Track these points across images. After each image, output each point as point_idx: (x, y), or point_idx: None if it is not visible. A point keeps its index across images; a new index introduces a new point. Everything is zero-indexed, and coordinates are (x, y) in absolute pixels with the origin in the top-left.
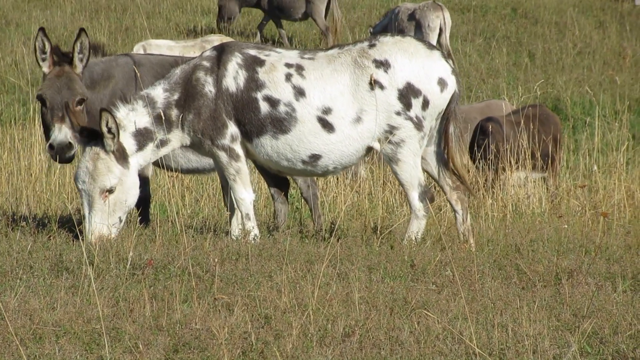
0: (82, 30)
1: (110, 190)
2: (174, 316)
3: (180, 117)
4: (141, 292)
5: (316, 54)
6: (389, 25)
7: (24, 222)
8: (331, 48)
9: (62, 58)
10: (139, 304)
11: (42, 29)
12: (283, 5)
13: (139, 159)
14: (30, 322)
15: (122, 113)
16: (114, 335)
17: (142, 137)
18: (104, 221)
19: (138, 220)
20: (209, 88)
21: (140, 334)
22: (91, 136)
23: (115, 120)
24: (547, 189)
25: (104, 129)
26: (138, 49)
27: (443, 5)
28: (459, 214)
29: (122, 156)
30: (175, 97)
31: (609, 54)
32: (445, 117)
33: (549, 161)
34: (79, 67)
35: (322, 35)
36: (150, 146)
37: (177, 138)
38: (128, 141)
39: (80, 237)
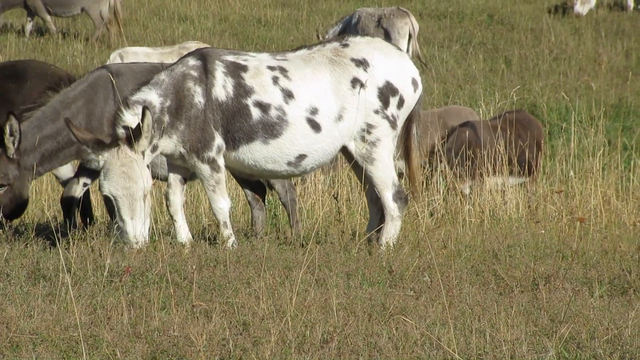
0: (10, 113)
1: (147, 192)
2: (152, 323)
3: (170, 125)
4: (119, 299)
5: (286, 55)
6: (347, 30)
7: (0, 230)
8: (299, 49)
9: None
10: (116, 312)
11: None
12: (58, 2)
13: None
14: (7, 330)
15: (128, 118)
16: (92, 342)
17: None
18: (145, 225)
19: (115, 228)
20: (199, 99)
21: (118, 342)
22: (99, 145)
23: (152, 119)
24: (525, 194)
25: (145, 127)
26: (115, 57)
27: (408, 11)
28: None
29: (144, 157)
30: (168, 103)
31: (585, 60)
32: (409, 118)
33: (527, 166)
34: (10, 149)
35: (96, 29)
36: (148, 150)
37: (163, 145)
38: None
39: (58, 245)
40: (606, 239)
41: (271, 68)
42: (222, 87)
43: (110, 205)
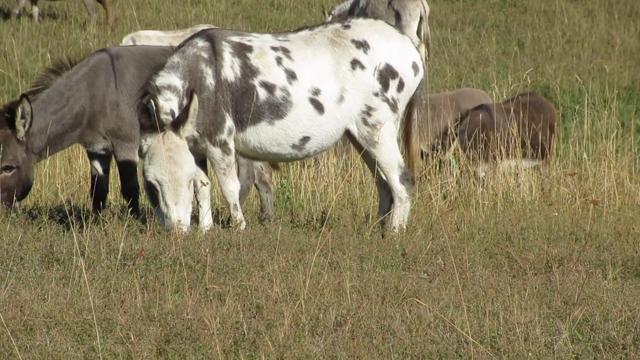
0: (23, 96)
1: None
2: (166, 306)
3: None
4: (132, 282)
5: (287, 35)
6: (355, 10)
7: (14, 214)
8: (300, 30)
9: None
10: (130, 295)
11: None
12: None
13: None
14: (21, 313)
15: (161, 103)
16: (106, 326)
17: None
18: (188, 211)
19: (129, 211)
20: (210, 80)
21: (131, 325)
22: (150, 129)
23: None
24: (538, 176)
25: (192, 111)
26: (127, 41)
27: None
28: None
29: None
30: (187, 86)
31: (598, 42)
32: (410, 103)
33: (540, 149)
34: (20, 131)
35: (88, 16)
36: None
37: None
38: None
39: (71, 228)
40: (619, 221)
41: (274, 48)
42: (230, 67)
43: (152, 191)
